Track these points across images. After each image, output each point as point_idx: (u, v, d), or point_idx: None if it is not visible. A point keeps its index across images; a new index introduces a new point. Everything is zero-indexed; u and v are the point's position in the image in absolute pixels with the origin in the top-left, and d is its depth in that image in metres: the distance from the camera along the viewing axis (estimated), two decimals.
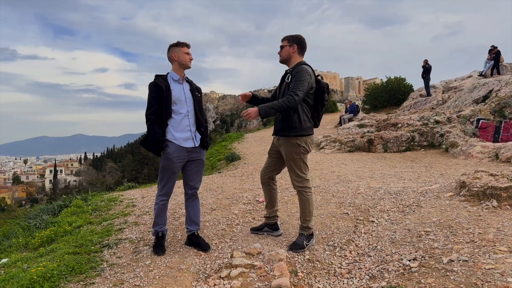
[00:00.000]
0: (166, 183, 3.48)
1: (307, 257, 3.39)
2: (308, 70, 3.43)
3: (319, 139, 12.86)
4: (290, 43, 3.51)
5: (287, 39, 3.54)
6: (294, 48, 3.51)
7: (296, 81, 3.36)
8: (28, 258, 3.69)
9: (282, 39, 3.58)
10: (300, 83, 3.34)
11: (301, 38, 3.54)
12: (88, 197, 5.80)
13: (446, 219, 3.77)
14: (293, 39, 3.52)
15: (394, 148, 10.65)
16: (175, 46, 3.45)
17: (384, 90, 20.20)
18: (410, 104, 16.96)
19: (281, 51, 3.57)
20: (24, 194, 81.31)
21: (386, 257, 3.24)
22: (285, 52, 3.54)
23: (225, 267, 3.20)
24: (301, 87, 3.34)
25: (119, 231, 4.16)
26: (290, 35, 3.55)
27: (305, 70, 3.41)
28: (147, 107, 3.35)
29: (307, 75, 3.39)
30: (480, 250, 2.98)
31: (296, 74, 3.39)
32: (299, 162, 3.52)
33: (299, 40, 3.52)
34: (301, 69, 3.40)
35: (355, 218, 4.26)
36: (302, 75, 3.37)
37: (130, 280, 3.03)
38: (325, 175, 6.62)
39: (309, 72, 3.43)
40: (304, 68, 3.42)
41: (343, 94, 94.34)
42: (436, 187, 5.08)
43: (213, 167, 9.74)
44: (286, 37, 3.56)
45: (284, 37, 3.58)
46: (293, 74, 3.42)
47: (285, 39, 3.55)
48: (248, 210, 4.70)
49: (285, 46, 3.53)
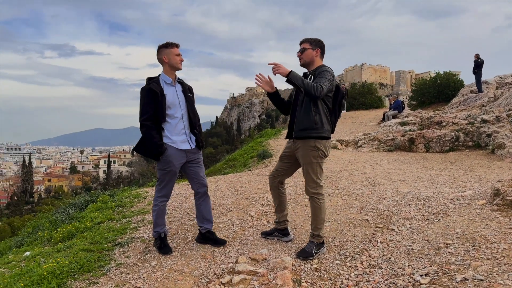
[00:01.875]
0: (166, 185, 3.49)
1: (314, 266, 3.26)
2: (331, 71, 3.35)
3: (357, 137, 12.49)
4: (313, 47, 3.39)
5: (309, 42, 3.42)
6: (317, 52, 3.40)
7: (320, 77, 3.25)
8: (47, 252, 3.84)
9: (303, 41, 3.45)
10: (324, 79, 3.24)
11: (322, 43, 3.46)
12: (115, 192, 5.96)
13: (471, 231, 3.49)
14: (316, 42, 3.41)
15: (436, 148, 10.11)
16: (164, 47, 3.39)
17: (432, 85, 19.22)
18: (460, 100, 16.03)
19: (302, 53, 3.42)
20: (80, 183, 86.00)
21: (398, 270, 3.05)
22: (307, 55, 3.41)
23: (228, 273, 3.14)
24: (326, 82, 3.23)
25: (134, 229, 4.22)
26: (311, 38, 3.44)
27: (329, 70, 3.33)
28: (140, 113, 3.32)
29: (330, 75, 3.30)
30: (500, 268, 2.72)
31: (320, 73, 3.29)
32: (315, 166, 3.40)
33: (322, 44, 3.44)
34: (326, 69, 3.32)
35: (374, 225, 4.06)
36: (326, 74, 3.28)
37: (132, 281, 3.06)
38: (353, 176, 6.38)
39: (332, 73, 3.35)
40: (328, 68, 3.35)
41: (394, 89, 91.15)
42: (469, 194, 4.73)
43: (246, 164, 9.72)
44: (307, 39, 3.44)
45: (305, 39, 3.45)
46: (316, 74, 3.30)
47: (307, 41, 3.42)
48: (265, 212, 4.62)
49: (307, 48, 3.39)
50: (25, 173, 76.96)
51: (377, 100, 25.42)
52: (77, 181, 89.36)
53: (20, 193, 70.41)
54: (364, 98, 25.02)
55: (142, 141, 3.40)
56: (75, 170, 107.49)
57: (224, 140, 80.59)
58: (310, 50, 3.36)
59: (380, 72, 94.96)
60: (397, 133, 11.34)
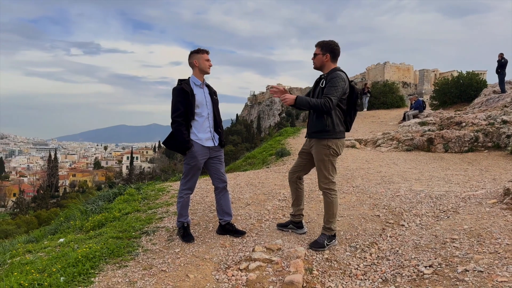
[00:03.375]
0: (191, 178, 3.79)
1: (325, 256, 3.49)
2: (342, 76, 3.50)
3: (376, 136, 12.57)
4: (323, 52, 3.58)
5: (320, 46, 3.60)
6: (327, 57, 3.58)
7: (330, 86, 3.45)
8: (79, 239, 4.19)
9: (316, 45, 3.65)
10: (334, 88, 3.43)
11: (334, 46, 3.59)
12: (141, 186, 6.31)
13: (478, 227, 3.65)
14: (326, 47, 3.58)
15: (455, 149, 10.13)
16: (196, 53, 3.72)
17: (454, 85, 19.04)
18: (482, 101, 15.85)
19: (314, 58, 3.65)
20: (103, 178, 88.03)
21: (404, 262, 3.25)
22: (318, 60, 3.63)
23: (245, 260, 3.41)
24: (335, 92, 3.42)
25: (159, 219, 4.54)
26: (323, 42, 3.61)
27: (340, 76, 3.48)
28: (172, 110, 3.65)
29: (341, 81, 3.47)
30: (501, 261, 2.89)
31: (330, 80, 3.47)
32: (327, 163, 3.62)
33: (332, 48, 3.58)
34: (336, 75, 3.48)
35: (386, 221, 4.25)
36: (336, 81, 3.45)
37: (158, 265, 3.35)
38: (369, 175, 6.55)
39: (343, 78, 3.51)
40: (339, 74, 3.50)
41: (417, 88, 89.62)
42: (481, 193, 4.86)
43: (264, 161, 9.97)
44: (319, 43, 3.62)
45: (317, 43, 3.64)
46: (327, 80, 3.51)
47: (318, 46, 3.62)
48: (281, 206, 4.86)
49: (318, 54, 3.61)
50: (50, 167, 79.22)
51: (398, 99, 25.21)
52: (100, 176, 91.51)
53: (46, 187, 72.56)
54: (385, 97, 24.88)
55: (171, 136, 3.74)
56: (99, 166, 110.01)
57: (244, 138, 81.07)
58: (320, 55, 3.57)
59: (403, 70, 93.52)
60: (416, 133, 11.39)
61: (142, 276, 3.16)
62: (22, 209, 54.23)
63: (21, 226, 29.29)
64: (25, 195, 69.21)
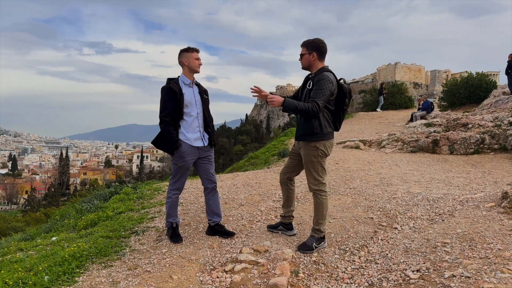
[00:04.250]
0: (179, 179, 3.77)
1: (313, 258, 3.44)
2: (329, 78, 3.42)
3: (381, 137, 12.43)
4: (309, 51, 3.51)
5: (306, 46, 3.53)
6: (313, 56, 3.51)
7: (317, 89, 3.38)
8: (71, 238, 4.19)
9: (301, 44, 3.59)
10: (320, 92, 3.37)
11: (320, 44, 3.51)
12: (138, 185, 6.31)
13: (471, 231, 3.57)
14: (312, 46, 3.51)
15: (461, 150, 9.96)
16: (185, 51, 3.68)
17: (463, 86, 18.74)
18: (491, 102, 15.60)
19: (301, 58, 3.59)
20: (114, 177, 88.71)
21: (393, 265, 3.19)
22: (305, 60, 3.56)
23: (231, 262, 3.37)
24: (322, 96, 3.36)
25: (150, 219, 4.52)
26: (308, 41, 3.54)
27: (327, 77, 3.41)
28: (160, 109, 3.62)
29: (328, 83, 3.40)
30: (489, 267, 2.81)
31: (317, 82, 3.41)
32: (316, 165, 3.56)
33: (318, 46, 3.50)
34: (323, 77, 3.41)
35: (379, 223, 4.18)
36: (323, 83, 3.38)
37: (143, 266, 3.33)
38: (368, 176, 6.46)
39: (330, 80, 3.43)
40: (326, 76, 3.42)
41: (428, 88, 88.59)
42: (480, 196, 4.76)
43: (266, 162, 9.93)
44: (304, 43, 3.56)
45: (303, 43, 3.58)
46: (314, 81, 3.45)
47: (304, 45, 3.55)
48: (274, 207, 4.81)
49: (304, 54, 3.54)
50: (62, 166, 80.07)
51: (407, 100, 24.94)
52: (111, 174, 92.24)
53: (57, 185, 73.40)
54: (393, 98, 24.65)
55: (160, 135, 3.71)
56: (110, 164, 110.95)
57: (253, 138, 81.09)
58: (306, 55, 3.51)
59: (414, 71, 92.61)
60: (421, 134, 11.23)
61: (126, 276, 3.15)
62: (33, 206, 54.95)
63: (30, 224, 29.63)
64: (36, 193, 70.11)
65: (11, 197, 78.64)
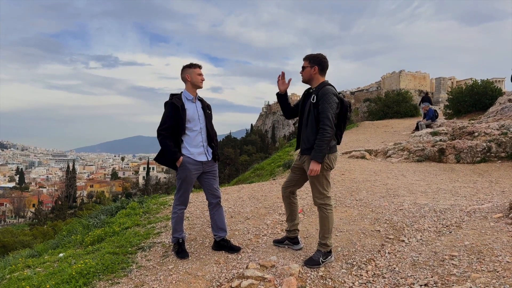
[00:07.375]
0: (183, 193, 3.78)
1: (320, 273, 3.42)
2: (333, 91, 3.48)
3: (387, 147, 12.39)
4: (311, 64, 3.55)
5: (308, 59, 3.58)
6: (315, 70, 3.55)
7: (325, 103, 3.41)
8: (78, 254, 4.20)
9: (304, 58, 3.63)
10: (329, 106, 3.40)
11: (322, 59, 3.56)
12: (144, 200, 6.33)
13: (479, 244, 3.54)
14: (314, 60, 3.55)
15: (467, 159, 9.90)
16: (188, 67, 3.72)
17: (468, 94, 18.70)
18: (497, 109, 15.52)
19: (302, 71, 3.62)
20: (120, 189, 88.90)
21: (400, 280, 3.16)
22: (306, 73, 3.60)
23: (237, 277, 3.35)
24: (331, 109, 3.40)
25: (157, 234, 4.53)
26: (311, 55, 3.59)
27: (331, 91, 3.46)
28: (160, 123, 3.66)
29: (333, 96, 3.44)
30: (498, 281, 2.79)
31: (323, 97, 3.44)
32: (321, 178, 3.56)
33: (320, 60, 3.55)
34: (327, 91, 3.44)
35: (386, 236, 4.15)
36: (329, 97, 3.42)
37: (150, 282, 3.33)
38: (375, 187, 6.44)
39: (335, 93, 3.48)
40: (330, 89, 3.46)
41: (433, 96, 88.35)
42: (487, 207, 4.72)
43: (272, 173, 9.92)
44: (307, 57, 3.61)
45: (305, 56, 3.62)
46: (319, 96, 3.47)
47: (306, 59, 3.60)
48: (280, 221, 4.80)
49: (306, 67, 3.58)
50: (69, 178, 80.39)
51: (412, 108, 24.89)
52: (117, 187, 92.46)
53: (64, 197, 73.60)
54: (398, 106, 24.62)
55: (161, 152, 3.73)
56: (116, 176, 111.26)
57: (258, 147, 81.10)
58: (308, 68, 3.54)
59: (419, 79, 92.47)
60: (427, 143, 11.19)
61: None
62: (41, 219, 55.08)
63: (38, 237, 29.71)
64: (44, 206, 70.35)
65: (19, 211, 78.99)
